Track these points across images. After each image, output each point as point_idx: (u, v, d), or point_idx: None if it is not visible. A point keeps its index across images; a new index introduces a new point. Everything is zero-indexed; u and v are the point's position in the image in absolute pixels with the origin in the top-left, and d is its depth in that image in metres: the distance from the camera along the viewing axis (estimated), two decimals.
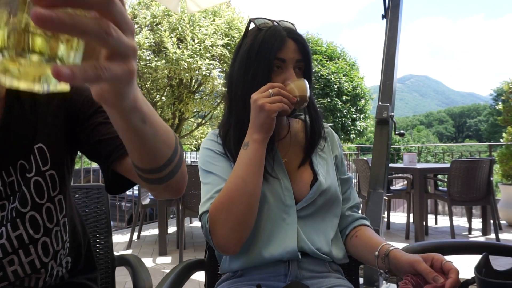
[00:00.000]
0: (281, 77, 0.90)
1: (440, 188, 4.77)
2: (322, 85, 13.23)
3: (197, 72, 7.46)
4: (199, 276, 1.24)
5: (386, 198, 2.76)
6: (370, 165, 3.34)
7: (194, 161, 7.35)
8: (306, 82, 0.88)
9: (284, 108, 0.84)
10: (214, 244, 0.87)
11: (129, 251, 3.82)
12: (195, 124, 10.16)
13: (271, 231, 0.92)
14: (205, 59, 7.36)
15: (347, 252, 1.02)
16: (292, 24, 0.95)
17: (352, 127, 13.78)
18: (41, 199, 0.74)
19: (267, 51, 0.89)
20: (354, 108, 13.93)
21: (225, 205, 0.84)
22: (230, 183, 0.85)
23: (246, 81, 0.92)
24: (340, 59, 14.33)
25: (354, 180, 6.39)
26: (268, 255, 0.90)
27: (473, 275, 0.68)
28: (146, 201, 4.47)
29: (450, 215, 3.84)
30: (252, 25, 0.96)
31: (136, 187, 4.54)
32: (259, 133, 0.85)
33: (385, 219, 4.49)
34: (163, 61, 7.17)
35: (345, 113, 13.48)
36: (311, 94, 0.98)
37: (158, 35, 7.36)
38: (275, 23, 0.94)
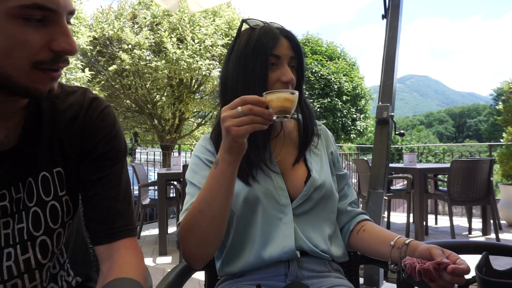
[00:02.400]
0: (276, 73, 0.91)
1: (440, 188, 4.77)
2: (322, 85, 13.21)
3: (197, 72, 7.46)
4: (199, 276, 1.24)
5: (386, 198, 2.75)
6: (370, 165, 3.34)
7: None
8: (290, 92, 0.74)
9: (255, 129, 0.72)
10: (182, 256, 0.90)
11: None
12: (195, 124, 10.16)
13: (268, 233, 0.92)
14: (205, 59, 7.35)
15: (351, 246, 1.02)
16: (282, 26, 0.97)
17: (352, 127, 13.76)
18: (55, 224, 0.72)
19: (262, 48, 0.90)
20: (354, 108, 13.91)
21: (188, 226, 0.85)
22: (195, 204, 0.85)
23: (242, 79, 0.92)
24: (340, 59, 14.31)
25: (354, 180, 6.39)
26: (267, 256, 0.90)
27: (474, 274, 0.68)
28: (146, 201, 4.48)
29: (450, 215, 3.84)
30: (244, 26, 0.97)
31: (136, 187, 4.54)
32: (229, 154, 0.77)
33: (385, 219, 4.49)
34: (163, 61, 7.16)
35: (345, 113, 13.46)
36: (303, 94, 0.99)
37: (158, 35, 7.35)
38: (266, 23, 0.95)
